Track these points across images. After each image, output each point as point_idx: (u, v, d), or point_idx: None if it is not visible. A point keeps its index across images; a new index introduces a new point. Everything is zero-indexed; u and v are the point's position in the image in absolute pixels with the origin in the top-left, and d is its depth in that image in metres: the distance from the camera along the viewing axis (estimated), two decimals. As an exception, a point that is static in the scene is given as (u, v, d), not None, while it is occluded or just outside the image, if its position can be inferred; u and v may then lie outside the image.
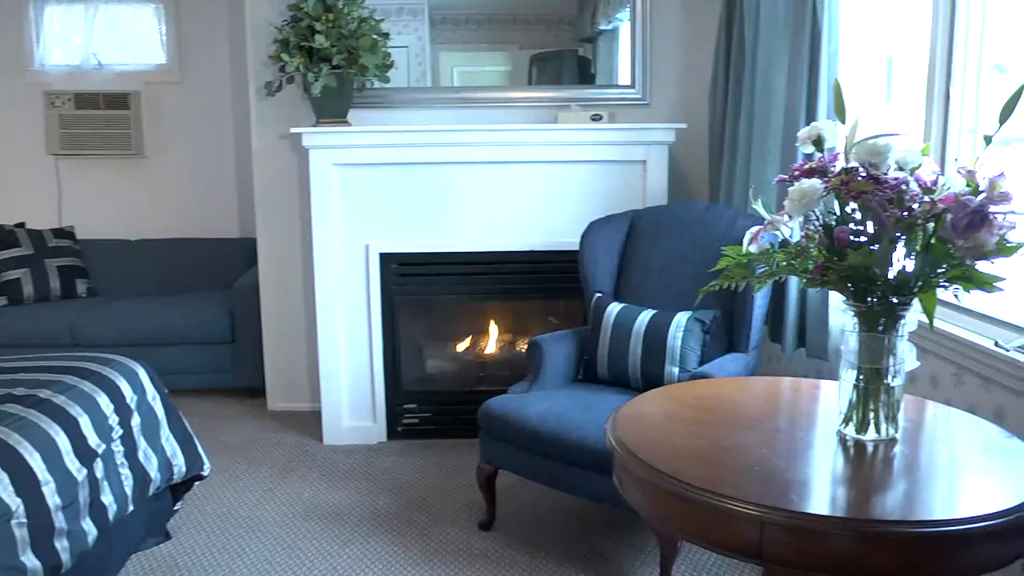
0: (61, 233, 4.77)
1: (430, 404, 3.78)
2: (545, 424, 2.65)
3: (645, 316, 2.95)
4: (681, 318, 2.88)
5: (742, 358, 2.87)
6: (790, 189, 1.67)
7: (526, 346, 3.17)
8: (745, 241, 1.82)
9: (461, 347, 4.01)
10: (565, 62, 4.04)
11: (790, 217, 1.73)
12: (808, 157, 1.78)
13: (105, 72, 4.90)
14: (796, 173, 1.68)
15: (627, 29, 3.83)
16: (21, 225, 4.78)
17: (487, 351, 3.96)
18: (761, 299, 2.90)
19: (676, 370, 2.84)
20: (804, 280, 1.73)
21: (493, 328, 3.96)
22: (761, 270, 1.80)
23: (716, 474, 1.64)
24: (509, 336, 3.98)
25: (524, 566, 2.69)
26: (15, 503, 2.02)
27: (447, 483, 3.31)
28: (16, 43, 4.85)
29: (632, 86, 3.83)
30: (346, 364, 3.72)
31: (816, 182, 1.62)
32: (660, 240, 3.18)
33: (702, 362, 2.85)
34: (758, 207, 1.87)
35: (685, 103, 3.81)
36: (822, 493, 1.64)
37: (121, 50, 4.90)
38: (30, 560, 2.04)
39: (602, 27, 3.96)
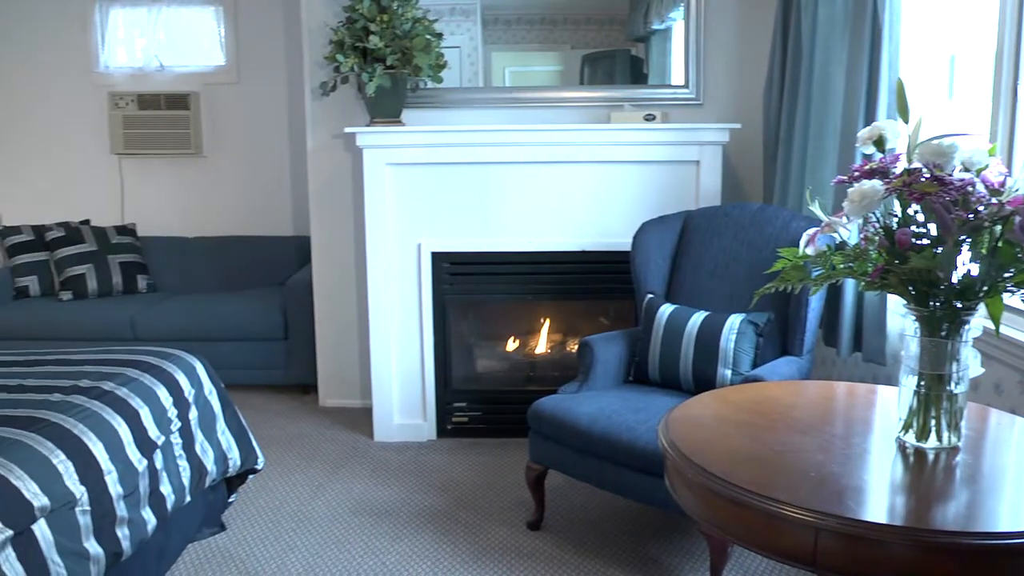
0: (123, 230, 4.91)
1: (480, 403, 3.80)
2: (596, 425, 2.64)
3: (697, 318, 2.92)
4: (734, 320, 2.85)
5: (796, 361, 2.83)
6: (850, 190, 1.63)
7: (576, 346, 3.16)
8: (801, 243, 1.79)
9: (511, 347, 4.02)
10: (617, 62, 4.02)
11: (848, 219, 1.70)
12: (868, 158, 1.74)
13: (166, 73, 5.02)
14: (856, 174, 1.65)
15: (680, 28, 3.80)
16: (86, 222, 4.93)
17: (537, 351, 3.97)
18: (816, 302, 2.85)
19: (728, 373, 2.81)
20: (863, 283, 1.70)
21: (543, 328, 3.96)
22: (818, 272, 1.77)
23: (770, 478, 1.62)
24: (559, 336, 3.98)
25: (573, 567, 2.68)
26: (80, 491, 2.09)
27: (496, 482, 3.32)
28: (82, 46, 5.01)
29: (685, 86, 3.80)
30: (397, 362, 3.76)
31: (877, 183, 1.59)
32: (713, 241, 3.14)
33: (755, 365, 2.82)
34: (815, 209, 1.84)
35: (739, 103, 3.77)
36: (880, 500, 1.60)
37: (182, 52, 5.02)
38: (93, 547, 2.10)
39: (655, 26, 3.93)
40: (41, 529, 1.95)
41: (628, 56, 4.01)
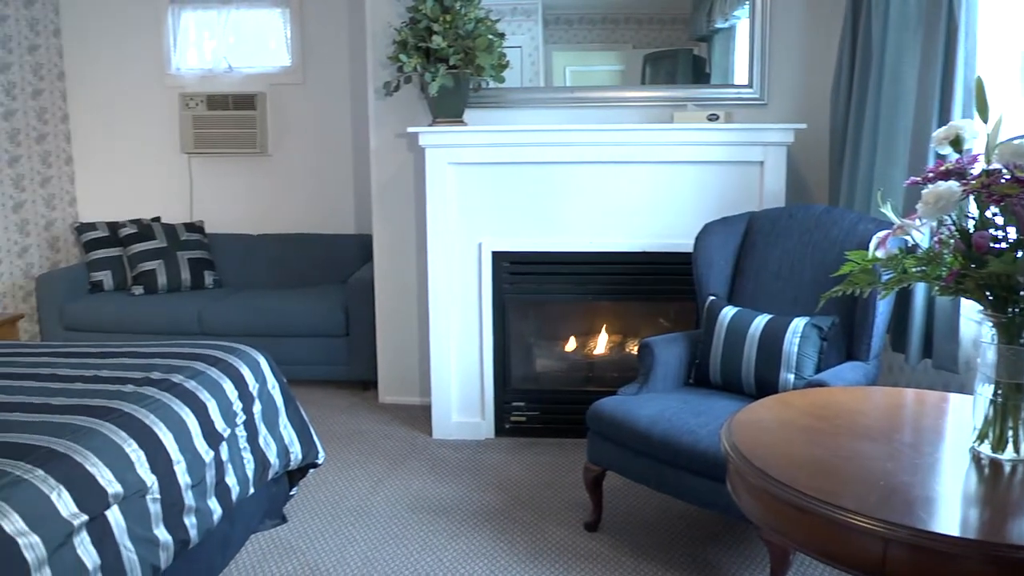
0: (192, 227, 5.04)
1: (538, 403, 3.80)
2: (655, 427, 2.62)
3: (760, 321, 2.87)
4: (798, 324, 2.79)
5: (861, 367, 2.76)
6: (924, 192, 1.59)
7: (636, 348, 3.14)
8: (871, 246, 1.75)
9: (570, 347, 4.01)
10: (679, 61, 3.98)
11: (922, 221, 1.65)
12: (942, 158, 1.70)
13: (234, 75, 5.14)
14: (931, 175, 1.60)
15: (744, 27, 3.74)
16: (157, 219, 5.08)
17: (596, 352, 3.95)
18: (884, 306, 2.77)
19: (791, 377, 2.76)
20: (937, 288, 1.65)
21: (603, 329, 3.94)
22: (888, 276, 1.72)
23: (836, 486, 1.58)
24: (619, 337, 3.96)
25: (630, 569, 2.67)
26: (151, 479, 2.15)
27: (553, 482, 3.31)
28: (156, 49, 5.16)
29: (749, 85, 3.74)
30: (456, 360, 3.78)
31: (953, 184, 1.54)
32: (777, 243, 3.09)
33: (819, 370, 2.76)
34: (887, 211, 1.79)
35: (805, 103, 3.69)
36: (952, 513, 1.55)
37: (249, 53, 5.14)
38: (162, 534, 2.16)
39: (718, 25, 3.88)
40: (114, 515, 2.01)
41: (690, 55, 3.97)
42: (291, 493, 3.06)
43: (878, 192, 2.36)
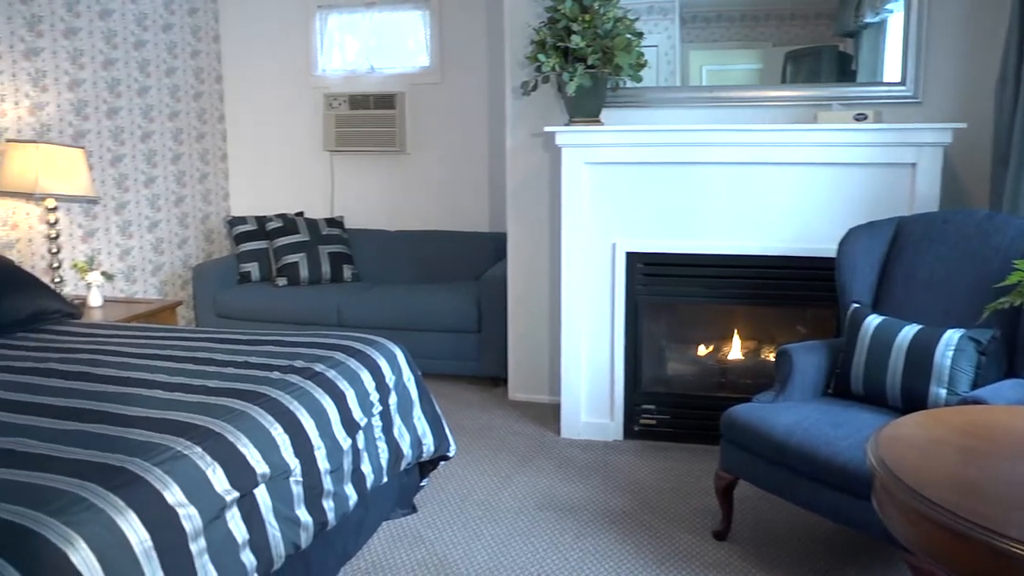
0: (332, 222, 5.25)
1: (668, 406, 3.74)
2: (792, 437, 2.53)
3: (909, 331, 2.72)
4: (952, 336, 2.63)
5: (1025, 385, 2.57)
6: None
7: (771, 354, 3.04)
8: (1044, 254, 1.62)
9: (703, 351, 3.93)
10: (823, 59, 3.82)
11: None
12: None
13: (376, 75, 5.32)
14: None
15: (897, 21, 3.55)
16: (300, 214, 5.32)
17: (730, 357, 3.85)
18: (1053, 320, 2.57)
19: (943, 392, 2.59)
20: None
21: (737, 333, 3.84)
22: (1064, 288, 1.60)
23: (999, 512, 1.48)
24: (753, 343, 3.84)
25: (761, 583, 2.59)
26: (294, 463, 2.26)
27: (682, 487, 3.26)
28: (304, 52, 5.41)
29: (902, 83, 3.55)
30: (587, 360, 3.77)
31: None
32: (930, 250, 2.92)
33: (975, 386, 2.58)
34: (1063, 217, 1.66)
35: (965, 100, 3.47)
36: None
37: (390, 54, 5.30)
38: (303, 515, 2.27)
39: (867, 20, 3.70)
40: (261, 494, 2.12)
41: (835, 52, 3.81)
42: (421, 484, 3.14)
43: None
